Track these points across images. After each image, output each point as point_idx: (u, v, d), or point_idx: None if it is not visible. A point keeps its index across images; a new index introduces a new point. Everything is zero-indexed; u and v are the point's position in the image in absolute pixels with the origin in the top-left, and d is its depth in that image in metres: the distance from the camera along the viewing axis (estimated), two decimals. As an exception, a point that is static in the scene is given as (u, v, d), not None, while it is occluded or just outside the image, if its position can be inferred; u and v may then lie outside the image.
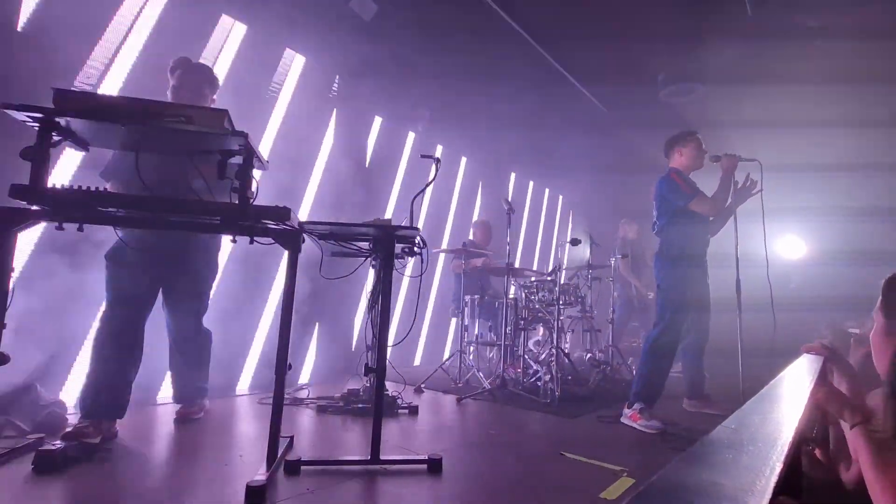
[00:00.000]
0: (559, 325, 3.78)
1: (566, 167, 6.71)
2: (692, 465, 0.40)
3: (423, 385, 3.67)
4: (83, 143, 1.70)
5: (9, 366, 1.47)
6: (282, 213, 1.70)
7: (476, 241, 4.91)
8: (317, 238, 2.11)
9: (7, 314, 1.48)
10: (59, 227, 1.61)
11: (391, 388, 3.14)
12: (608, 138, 5.86)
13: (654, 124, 4.74)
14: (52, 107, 1.48)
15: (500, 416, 2.95)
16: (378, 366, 1.98)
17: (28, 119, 1.51)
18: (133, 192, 1.81)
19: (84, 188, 1.57)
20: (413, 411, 2.90)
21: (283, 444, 2.00)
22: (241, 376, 3.46)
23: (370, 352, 2.66)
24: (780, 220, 5.42)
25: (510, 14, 3.61)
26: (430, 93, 4.65)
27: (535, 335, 4.59)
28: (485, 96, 4.76)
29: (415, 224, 2.11)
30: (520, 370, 3.80)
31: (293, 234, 1.78)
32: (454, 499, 1.68)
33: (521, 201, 7.10)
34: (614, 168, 6.33)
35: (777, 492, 0.34)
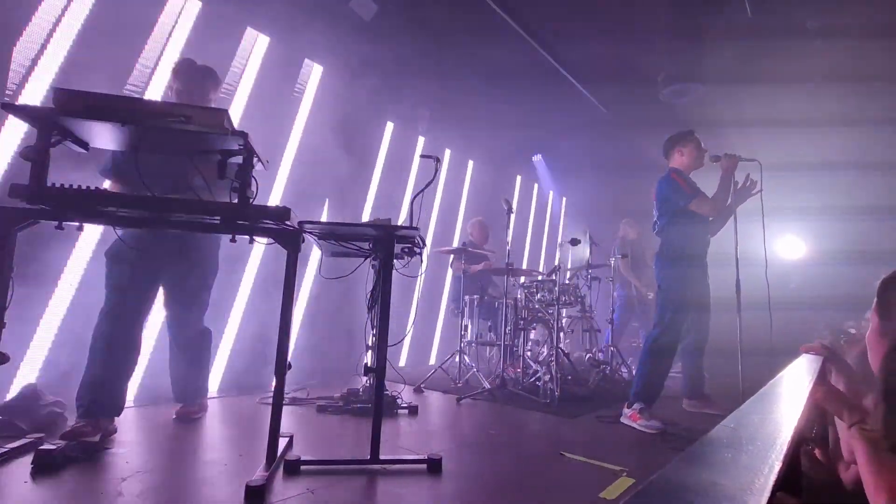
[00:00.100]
0: (559, 325, 3.78)
1: (566, 167, 6.71)
2: (692, 464, 0.40)
3: (423, 385, 3.67)
4: (83, 143, 1.70)
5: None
6: (281, 212, 1.70)
7: (473, 241, 4.91)
8: (316, 238, 2.11)
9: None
10: (59, 227, 1.61)
11: (391, 388, 3.13)
12: (608, 138, 5.86)
13: (654, 124, 4.74)
14: (52, 106, 1.48)
15: (500, 416, 2.95)
16: (378, 366, 1.98)
17: (28, 119, 1.51)
18: (132, 192, 1.81)
19: (84, 188, 1.57)
20: (413, 411, 2.90)
21: (282, 443, 1.99)
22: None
23: (370, 351, 2.67)
24: (779, 219, 5.42)
25: (510, 14, 3.61)
26: (429, 93, 4.65)
27: (535, 335, 4.59)
28: (485, 97, 4.76)
29: (415, 224, 2.11)
30: (519, 370, 3.80)
31: (293, 234, 1.78)
32: (454, 498, 1.67)
33: (526, 204, 7.10)
34: (614, 168, 6.32)
35: (776, 490, 0.34)
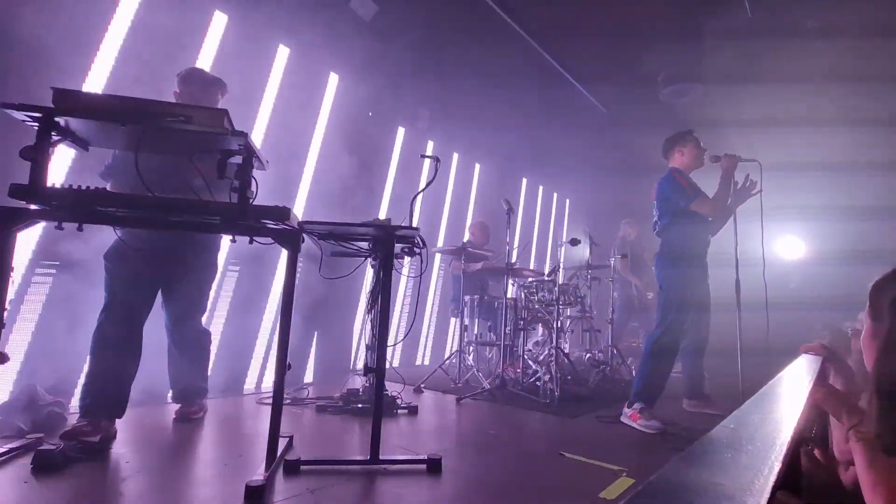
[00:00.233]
0: (559, 325, 3.78)
1: (566, 167, 6.70)
2: (691, 464, 0.40)
3: (423, 385, 3.67)
4: (83, 143, 1.70)
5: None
6: (281, 212, 1.70)
7: (474, 242, 4.91)
8: (316, 238, 2.11)
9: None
10: (59, 227, 1.61)
11: (391, 388, 3.13)
12: (608, 138, 5.86)
13: (654, 124, 4.75)
14: (52, 106, 1.48)
15: (500, 416, 2.95)
16: (378, 366, 1.98)
17: (28, 119, 1.51)
18: (132, 192, 1.80)
19: (84, 188, 1.57)
20: (413, 411, 2.90)
21: (282, 443, 1.99)
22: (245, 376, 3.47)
23: (370, 351, 2.67)
24: (779, 219, 5.42)
25: (510, 14, 3.61)
26: (429, 93, 4.65)
27: (535, 335, 4.59)
28: (485, 97, 4.76)
29: (415, 224, 2.11)
30: (519, 370, 3.80)
31: (293, 234, 1.78)
32: (454, 499, 1.67)
33: (532, 206, 7.10)
34: (614, 168, 6.32)
35: (775, 491, 0.34)
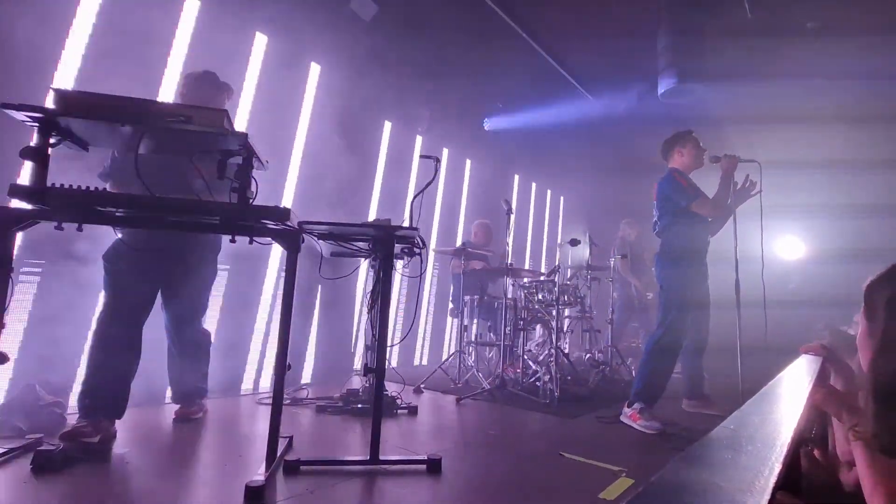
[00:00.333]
0: (558, 325, 3.78)
1: (563, 166, 6.70)
2: (691, 465, 0.40)
3: (423, 385, 3.67)
4: (83, 143, 1.70)
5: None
6: (282, 213, 1.70)
7: (476, 242, 4.91)
8: (316, 238, 2.11)
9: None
10: (59, 227, 1.61)
11: (391, 388, 3.13)
12: (607, 138, 5.86)
13: (653, 124, 4.75)
14: (52, 107, 1.48)
15: (500, 417, 2.95)
16: (377, 366, 1.98)
17: (28, 119, 1.50)
18: (132, 192, 1.80)
19: (84, 188, 1.57)
20: (412, 411, 2.90)
21: (282, 444, 1.99)
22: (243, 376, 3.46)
23: (370, 352, 2.67)
24: (779, 219, 5.41)
25: (509, 14, 3.61)
26: (429, 92, 4.65)
27: (534, 336, 4.59)
28: (484, 96, 4.76)
29: (415, 224, 2.11)
30: (519, 370, 3.79)
31: (292, 234, 1.78)
32: (453, 499, 1.67)
33: (525, 204, 7.09)
34: (613, 168, 6.32)
35: (776, 491, 0.34)
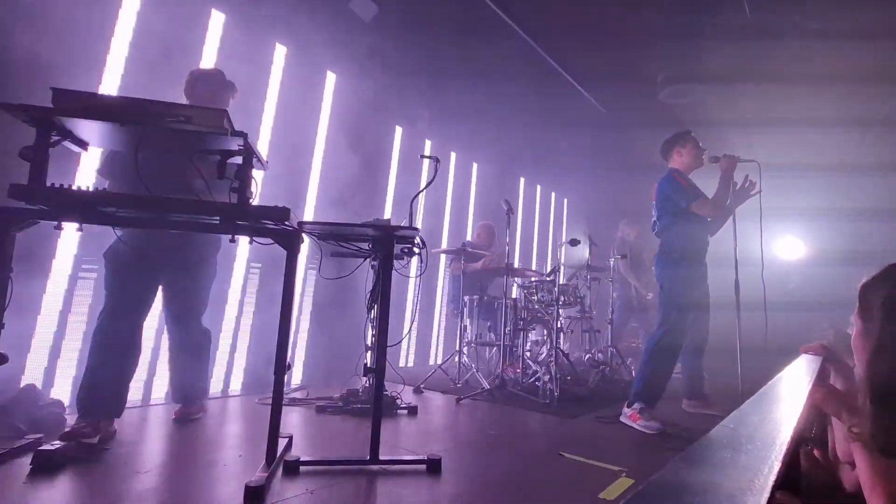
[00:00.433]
0: (558, 325, 3.78)
1: (565, 167, 6.70)
2: (691, 464, 0.40)
3: (423, 385, 3.67)
4: (82, 143, 1.70)
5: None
6: (281, 212, 1.69)
7: (477, 243, 4.91)
8: (316, 238, 2.11)
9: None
10: (58, 227, 1.61)
11: (391, 388, 3.13)
12: (607, 139, 5.86)
13: (653, 125, 4.75)
14: (51, 106, 1.48)
15: (500, 417, 2.95)
16: (377, 366, 1.98)
17: (27, 119, 1.50)
18: (132, 192, 1.80)
19: (84, 188, 1.57)
20: (412, 411, 2.90)
21: (282, 444, 1.99)
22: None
23: (369, 352, 2.67)
24: (779, 220, 5.42)
25: (510, 15, 3.61)
26: (429, 93, 4.65)
27: (534, 335, 4.58)
28: (485, 97, 4.76)
29: (415, 224, 2.11)
30: (519, 370, 3.79)
31: (292, 235, 1.78)
32: (453, 499, 1.67)
33: (530, 205, 7.09)
34: (613, 168, 6.32)
35: (775, 491, 0.34)
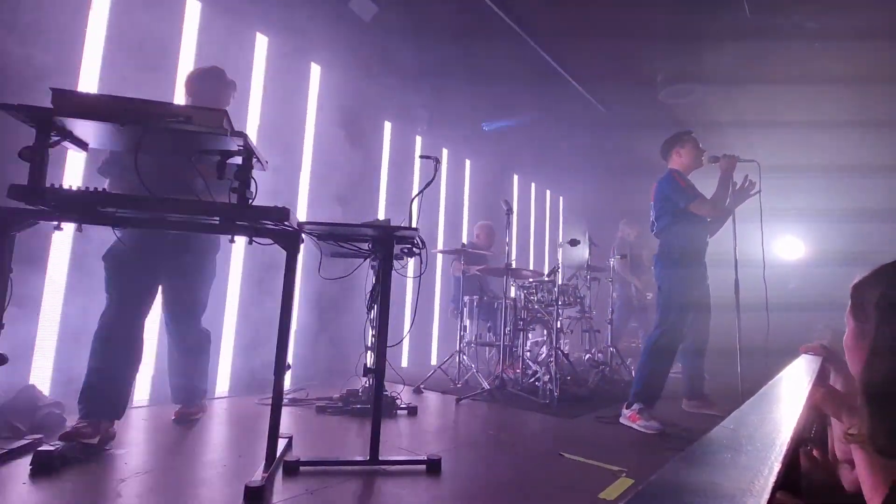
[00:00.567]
0: (558, 325, 3.78)
1: (561, 166, 6.70)
2: (691, 465, 0.40)
3: (423, 385, 3.67)
4: (82, 144, 1.70)
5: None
6: (280, 213, 1.69)
7: (478, 244, 4.90)
8: (316, 238, 2.11)
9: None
10: (58, 227, 1.61)
11: (390, 388, 3.13)
12: (607, 139, 5.86)
13: (653, 125, 4.74)
14: (51, 107, 1.48)
15: (499, 417, 2.95)
16: (377, 366, 1.98)
17: (27, 120, 1.50)
18: (131, 192, 1.80)
19: (83, 188, 1.57)
20: (412, 412, 2.90)
21: (281, 444, 1.99)
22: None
23: (369, 352, 2.67)
24: (779, 220, 5.42)
25: (509, 14, 3.61)
26: (428, 92, 4.65)
27: (534, 336, 4.59)
28: (484, 97, 4.76)
29: (415, 224, 2.11)
30: (519, 371, 3.79)
31: (292, 235, 1.78)
32: (453, 499, 1.67)
33: (525, 203, 7.09)
34: (613, 168, 6.31)
35: (775, 491, 0.34)
